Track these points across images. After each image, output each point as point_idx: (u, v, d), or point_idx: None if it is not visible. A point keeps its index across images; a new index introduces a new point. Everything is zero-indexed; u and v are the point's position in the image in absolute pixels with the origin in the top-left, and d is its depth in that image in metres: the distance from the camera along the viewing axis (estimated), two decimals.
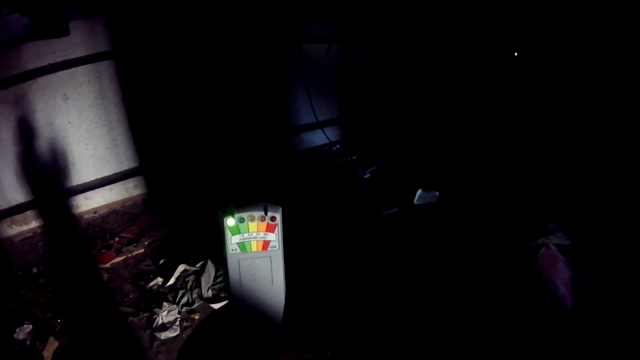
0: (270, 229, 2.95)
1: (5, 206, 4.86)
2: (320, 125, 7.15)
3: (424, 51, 6.98)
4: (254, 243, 2.95)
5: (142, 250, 4.66)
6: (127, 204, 5.60)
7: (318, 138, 7.30)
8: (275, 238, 2.98)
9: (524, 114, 5.80)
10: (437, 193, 5.27)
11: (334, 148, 7.30)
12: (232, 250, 2.95)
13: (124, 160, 5.57)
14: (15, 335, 3.42)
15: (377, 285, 4.00)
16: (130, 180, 5.63)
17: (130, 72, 5.27)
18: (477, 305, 3.67)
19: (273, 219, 2.92)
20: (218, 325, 3.66)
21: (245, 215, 2.87)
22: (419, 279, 4.05)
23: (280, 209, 2.97)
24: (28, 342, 3.39)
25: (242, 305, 3.14)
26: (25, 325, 3.51)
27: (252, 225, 2.91)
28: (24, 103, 4.75)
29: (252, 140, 6.47)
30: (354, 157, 6.91)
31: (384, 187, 5.78)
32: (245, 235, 2.92)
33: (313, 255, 4.41)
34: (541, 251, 3.98)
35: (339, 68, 7.18)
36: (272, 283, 3.08)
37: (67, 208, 5.27)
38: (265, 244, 2.98)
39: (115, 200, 5.56)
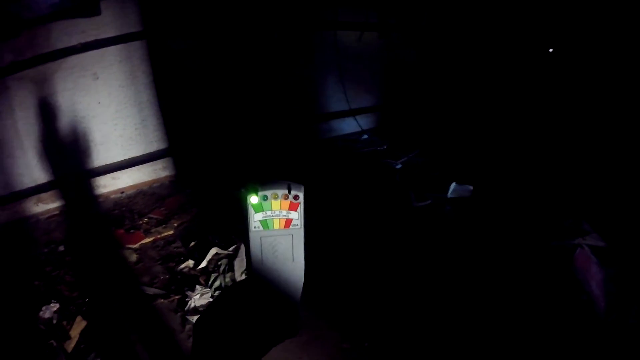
0: (293, 207, 2.95)
1: (32, 184, 4.74)
2: (351, 113, 6.96)
3: (459, 41, 6.76)
4: (277, 221, 2.96)
5: (171, 232, 4.50)
6: (155, 185, 5.47)
7: (348, 126, 7.10)
8: (297, 217, 2.99)
9: (565, 109, 5.58)
10: (470, 187, 5.06)
11: (364, 136, 7.11)
12: (255, 227, 2.96)
13: (153, 142, 5.44)
14: (41, 313, 3.27)
15: (407, 275, 3.79)
16: (159, 161, 5.50)
17: (161, 53, 5.13)
18: (511, 302, 3.43)
19: (296, 197, 2.92)
20: (237, 303, 3.52)
21: (269, 193, 2.87)
22: (450, 271, 3.83)
23: (303, 188, 2.97)
24: (54, 321, 3.23)
25: (262, 281, 3.14)
26: (52, 304, 3.36)
27: (275, 204, 2.92)
28: (53, 82, 4.63)
29: (281, 125, 6.29)
30: (385, 147, 6.70)
31: (416, 178, 5.57)
32: (268, 213, 2.93)
33: (343, 243, 4.24)
34: (577, 251, 3.78)
35: (371, 56, 6.98)
36: (293, 261, 3.08)
37: (94, 187, 5.15)
38: (288, 222, 3.00)
39: (143, 181, 5.44)
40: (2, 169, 4.55)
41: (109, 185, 5.23)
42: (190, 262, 3.98)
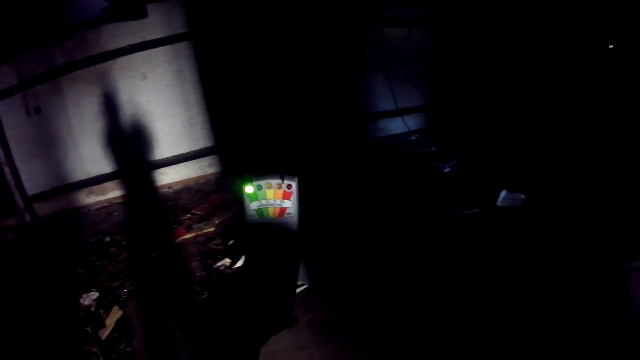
0: (286, 196, 3.15)
1: (84, 177, 5.05)
2: (399, 112, 6.83)
3: (513, 38, 6.49)
4: (271, 209, 3.16)
5: (212, 229, 4.58)
6: (201, 181, 5.63)
7: (396, 126, 6.96)
8: (291, 205, 3.17)
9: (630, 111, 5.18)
10: (522, 196, 4.76)
11: (412, 137, 6.94)
12: (251, 215, 3.17)
13: (199, 139, 5.60)
14: (81, 300, 3.44)
15: (446, 286, 3.54)
16: (205, 158, 5.65)
17: (207, 53, 5.28)
18: (554, 330, 3.16)
19: (289, 186, 3.12)
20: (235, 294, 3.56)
21: (262, 182, 3.10)
22: (495, 286, 3.50)
23: (297, 178, 3.15)
24: (92, 309, 3.39)
25: (258, 269, 3.29)
26: (92, 292, 3.53)
27: (269, 193, 3.14)
28: (103, 82, 4.92)
29: (328, 125, 6.28)
30: (433, 149, 6.50)
31: (465, 183, 5.36)
32: (263, 202, 3.14)
33: (383, 248, 4.05)
34: (632, 275, 3.44)
35: (420, 53, 6.79)
36: (288, 248, 3.22)
37: (142, 182, 5.38)
38: (282, 211, 3.19)
39: (190, 177, 5.61)
40: (57, 162, 4.85)
41: (156, 180, 5.45)
42: (227, 261, 4.02)
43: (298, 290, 3.50)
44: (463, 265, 3.81)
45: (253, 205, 3.14)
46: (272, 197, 3.14)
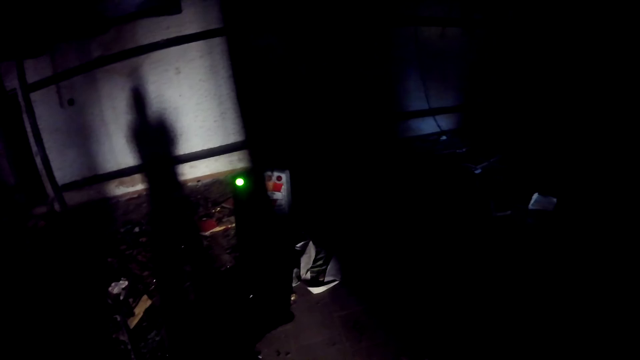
0: (277, 188, 3.43)
1: (115, 168, 5.13)
2: (431, 112, 6.72)
3: (549, 38, 6.31)
4: None
5: None
6: (231, 175, 5.60)
7: (427, 126, 6.83)
8: (281, 197, 3.42)
9: None
10: (554, 199, 4.59)
11: (443, 138, 6.81)
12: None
13: (231, 134, 5.61)
14: (110, 288, 3.44)
15: (478, 288, 3.41)
16: (235, 153, 5.66)
17: (241, 49, 5.29)
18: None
19: (279, 178, 3.37)
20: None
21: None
22: (528, 291, 3.33)
23: (288, 171, 3.36)
24: (122, 297, 3.39)
25: (251, 264, 3.33)
26: (121, 281, 3.53)
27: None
28: (138, 75, 4.99)
29: (357, 123, 6.21)
30: (464, 150, 6.37)
31: (497, 185, 5.21)
32: None
33: (414, 249, 3.95)
34: None
35: (453, 53, 6.65)
36: (277, 240, 3.35)
37: (173, 174, 5.41)
38: (273, 202, 3.45)
39: (220, 171, 5.63)
40: (89, 153, 4.93)
41: (186, 173, 5.49)
42: None
43: (330, 286, 3.48)
44: (495, 268, 3.68)
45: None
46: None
